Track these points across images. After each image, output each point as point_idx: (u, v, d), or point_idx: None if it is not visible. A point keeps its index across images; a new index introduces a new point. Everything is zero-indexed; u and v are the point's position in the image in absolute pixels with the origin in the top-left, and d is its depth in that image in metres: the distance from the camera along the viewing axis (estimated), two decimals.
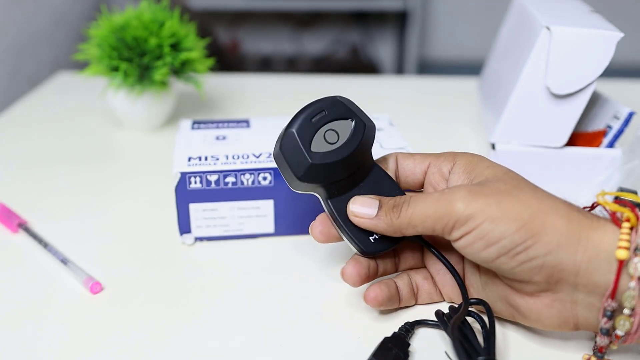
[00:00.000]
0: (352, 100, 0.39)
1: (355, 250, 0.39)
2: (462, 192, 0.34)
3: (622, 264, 0.31)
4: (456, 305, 0.39)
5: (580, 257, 0.32)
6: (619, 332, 0.32)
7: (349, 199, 0.38)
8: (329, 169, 0.37)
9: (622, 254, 0.31)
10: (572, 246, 0.32)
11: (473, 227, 0.33)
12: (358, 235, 0.38)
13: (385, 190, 0.39)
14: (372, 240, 0.38)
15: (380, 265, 0.39)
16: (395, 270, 0.41)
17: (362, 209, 0.37)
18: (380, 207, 0.37)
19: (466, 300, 0.37)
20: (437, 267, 0.40)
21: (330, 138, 0.37)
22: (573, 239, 0.32)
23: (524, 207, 0.33)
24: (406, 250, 0.41)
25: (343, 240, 0.39)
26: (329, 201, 0.38)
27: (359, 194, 0.38)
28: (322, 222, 0.39)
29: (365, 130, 0.38)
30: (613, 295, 0.31)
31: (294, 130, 0.37)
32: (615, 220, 0.33)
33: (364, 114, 0.39)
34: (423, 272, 0.40)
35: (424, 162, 0.40)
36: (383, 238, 0.38)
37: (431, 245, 0.39)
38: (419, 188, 0.40)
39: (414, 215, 0.35)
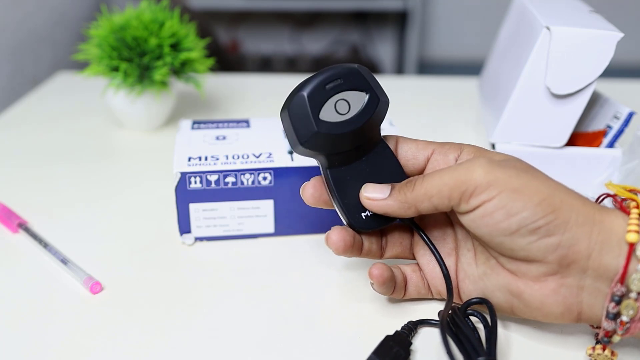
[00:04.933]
0: (370, 71, 0.38)
1: (344, 223, 0.39)
2: (482, 161, 0.34)
3: (632, 247, 0.31)
4: (459, 305, 0.39)
5: (595, 238, 0.32)
6: (624, 318, 0.32)
7: (349, 171, 0.38)
8: (334, 140, 0.36)
9: (633, 237, 0.31)
10: (588, 226, 0.32)
11: (494, 195, 0.33)
12: (349, 208, 0.38)
13: (386, 167, 0.38)
14: (364, 217, 0.38)
15: (366, 243, 0.39)
16: (381, 255, 0.40)
17: (374, 193, 0.37)
18: (392, 189, 0.37)
19: (450, 290, 0.37)
20: (426, 258, 0.39)
21: (341, 108, 0.36)
22: (589, 219, 0.33)
23: (543, 184, 0.33)
24: (395, 235, 0.40)
25: (332, 207, 0.39)
26: (328, 170, 0.38)
27: (360, 167, 0.38)
28: (314, 186, 0.39)
29: (378, 105, 0.37)
30: (622, 279, 0.32)
31: (304, 93, 0.36)
32: (623, 208, 0.34)
33: (380, 87, 0.38)
34: (412, 265, 0.40)
35: (428, 149, 0.39)
36: (374, 217, 0.38)
37: (421, 230, 0.39)
38: (419, 174, 0.40)
39: (430, 185, 0.35)
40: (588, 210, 0.33)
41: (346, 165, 0.38)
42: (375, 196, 0.37)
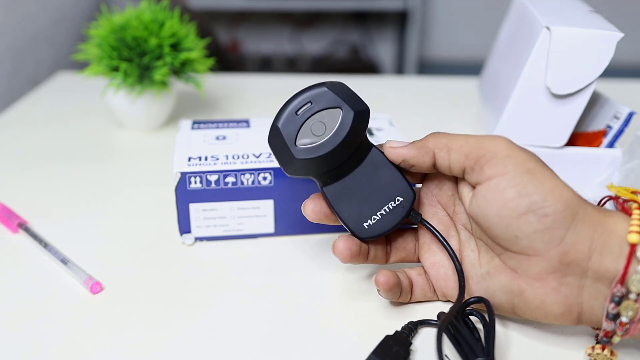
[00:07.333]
0: (343, 83, 0.38)
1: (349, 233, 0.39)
2: (506, 139, 0.35)
3: (633, 248, 0.31)
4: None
5: (597, 239, 0.32)
6: (624, 319, 0.32)
7: (344, 184, 0.38)
8: (316, 163, 0.37)
9: (634, 238, 0.31)
10: (592, 226, 0.33)
11: (509, 170, 0.34)
12: (351, 220, 0.38)
13: (382, 172, 0.38)
14: (366, 227, 0.38)
15: (371, 250, 0.40)
16: (386, 260, 0.41)
17: (396, 143, 0.38)
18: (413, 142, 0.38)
19: (462, 288, 0.37)
20: (431, 261, 0.40)
21: (317, 130, 0.37)
22: (594, 218, 0.33)
23: (556, 176, 0.34)
24: (399, 240, 0.41)
25: (335, 223, 0.40)
26: (323, 189, 0.38)
27: (355, 178, 0.38)
28: (314, 201, 0.39)
29: (354, 117, 0.37)
30: (622, 280, 0.32)
31: (278, 125, 0.37)
32: (625, 210, 0.34)
33: (356, 98, 0.38)
34: (417, 268, 0.40)
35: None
36: (377, 224, 0.38)
37: (432, 227, 0.39)
38: (422, 181, 0.41)
39: (454, 138, 0.36)
40: (593, 209, 0.33)
41: (340, 179, 0.38)
42: (396, 145, 0.38)
